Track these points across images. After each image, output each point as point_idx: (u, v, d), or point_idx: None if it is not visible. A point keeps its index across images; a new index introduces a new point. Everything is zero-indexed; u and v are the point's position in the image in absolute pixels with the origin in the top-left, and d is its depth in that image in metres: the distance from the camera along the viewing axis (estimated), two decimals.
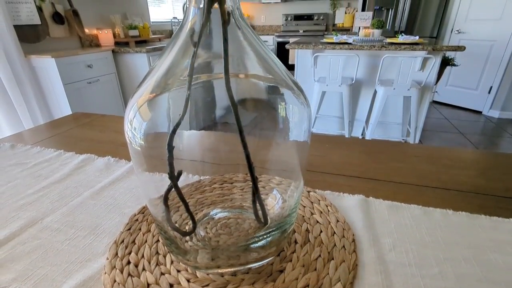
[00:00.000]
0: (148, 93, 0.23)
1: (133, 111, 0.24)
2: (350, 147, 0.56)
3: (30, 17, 1.62)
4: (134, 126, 0.24)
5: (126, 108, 0.25)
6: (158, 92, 0.23)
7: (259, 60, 0.25)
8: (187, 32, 0.22)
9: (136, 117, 0.24)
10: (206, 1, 0.21)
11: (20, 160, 0.54)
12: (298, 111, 0.25)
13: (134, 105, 0.24)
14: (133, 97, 0.25)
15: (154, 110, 0.24)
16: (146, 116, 0.23)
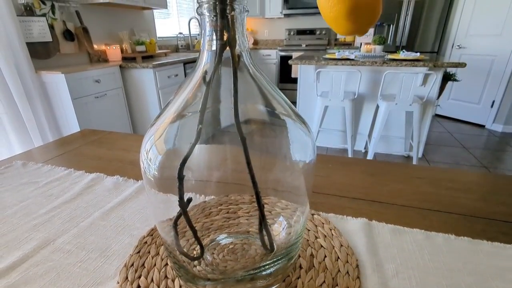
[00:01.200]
0: (164, 127, 0.25)
1: (149, 143, 0.26)
2: (353, 167, 0.57)
3: (42, 35, 1.68)
4: (150, 157, 0.26)
5: (144, 138, 0.27)
6: (173, 128, 0.25)
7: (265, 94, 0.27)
8: (201, 72, 0.23)
9: (152, 149, 0.25)
10: (218, 45, 0.23)
11: (31, 178, 0.55)
12: (301, 139, 0.27)
13: (152, 137, 0.26)
14: (151, 128, 0.26)
15: (169, 145, 0.25)
16: (161, 150, 0.25)
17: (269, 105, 0.27)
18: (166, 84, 2.18)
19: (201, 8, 0.21)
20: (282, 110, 0.27)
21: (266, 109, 0.28)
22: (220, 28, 0.21)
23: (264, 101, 0.27)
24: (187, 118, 0.25)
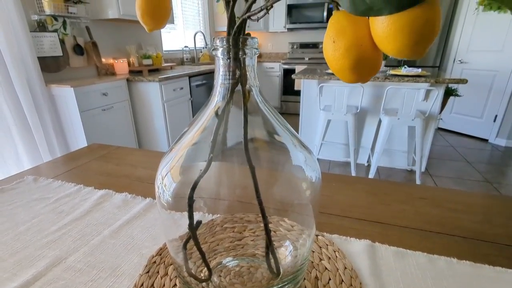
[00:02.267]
0: (179, 157, 0.27)
1: (165, 170, 0.27)
2: (356, 186, 0.58)
3: (53, 49, 1.74)
4: (165, 183, 0.28)
5: (160, 164, 0.28)
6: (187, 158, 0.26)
7: (271, 123, 0.28)
8: (214, 108, 0.25)
9: (167, 176, 0.27)
10: (230, 83, 0.24)
11: (42, 194, 0.57)
12: (305, 163, 0.28)
13: (168, 164, 0.27)
14: (167, 156, 0.28)
15: (183, 176, 0.27)
16: (176, 178, 0.26)
17: (274, 132, 0.28)
18: (171, 97, 2.22)
19: (216, 51, 0.22)
20: (286, 137, 0.28)
21: (272, 136, 0.29)
22: (233, 69, 0.23)
23: (270, 129, 0.28)
24: (199, 148, 0.27)
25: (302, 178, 0.27)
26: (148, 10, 0.26)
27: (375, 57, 0.15)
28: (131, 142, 2.19)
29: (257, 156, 0.27)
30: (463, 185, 2.14)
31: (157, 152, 0.80)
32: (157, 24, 0.27)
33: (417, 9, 0.12)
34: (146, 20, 0.27)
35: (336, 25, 0.16)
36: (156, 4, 0.26)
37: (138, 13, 0.26)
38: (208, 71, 2.76)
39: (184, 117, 2.47)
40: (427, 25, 0.12)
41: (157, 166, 0.71)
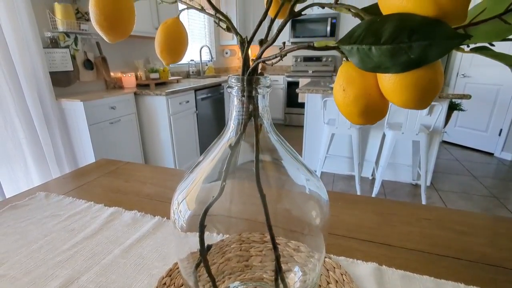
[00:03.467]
0: (194, 185, 0.28)
1: (181, 196, 0.29)
2: (362, 206, 0.59)
3: (64, 64, 1.79)
4: (180, 209, 0.29)
5: (177, 189, 0.30)
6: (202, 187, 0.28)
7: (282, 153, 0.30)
8: (227, 142, 0.27)
9: (183, 203, 0.28)
10: (244, 118, 0.26)
11: (54, 211, 0.58)
12: (314, 191, 0.29)
13: (184, 190, 0.29)
14: (183, 182, 0.29)
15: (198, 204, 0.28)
16: (191, 206, 0.28)
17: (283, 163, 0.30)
18: (177, 110, 2.26)
19: (231, 89, 0.24)
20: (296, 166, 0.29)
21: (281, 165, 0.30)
22: (246, 106, 0.24)
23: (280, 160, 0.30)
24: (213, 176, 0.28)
25: (313, 208, 0.28)
26: (166, 48, 0.28)
27: (382, 105, 0.17)
28: (137, 154, 2.22)
29: (268, 184, 0.29)
30: (470, 200, 2.11)
31: (164, 168, 0.81)
32: (174, 59, 0.29)
33: (420, 70, 0.14)
34: (164, 56, 0.29)
35: (345, 74, 0.17)
36: (174, 42, 0.28)
37: (157, 50, 0.28)
38: (213, 84, 2.81)
39: (190, 130, 2.50)
40: (430, 84, 0.14)
41: (165, 183, 0.72)
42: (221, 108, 3.10)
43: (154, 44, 0.29)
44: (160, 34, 0.28)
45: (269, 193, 0.28)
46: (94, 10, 0.19)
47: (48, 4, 1.76)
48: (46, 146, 1.55)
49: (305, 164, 0.29)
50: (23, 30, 1.49)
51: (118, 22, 0.20)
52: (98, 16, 0.19)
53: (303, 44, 0.17)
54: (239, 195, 0.31)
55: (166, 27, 0.28)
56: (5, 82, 1.43)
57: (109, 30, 0.20)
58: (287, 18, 0.20)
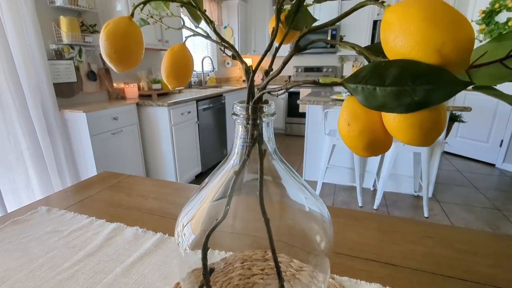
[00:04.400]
0: (198, 209, 0.28)
1: (186, 219, 0.29)
2: (365, 223, 0.58)
3: (68, 76, 1.81)
4: (184, 231, 0.29)
5: (182, 211, 0.30)
6: (206, 211, 0.28)
7: (286, 178, 0.30)
8: (232, 169, 0.27)
9: (187, 226, 0.28)
10: (248, 144, 0.26)
11: (56, 227, 0.58)
12: (317, 214, 0.29)
13: (189, 213, 0.29)
14: (188, 205, 0.29)
15: (202, 228, 0.28)
16: (195, 230, 0.28)
17: (287, 187, 0.30)
18: (179, 121, 2.27)
19: (237, 117, 0.24)
20: (299, 189, 0.30)
21: (284, 189, 0.30)
22: (251, 133, 0.25)
23: (284, 184, 0.30)
24: (217, 201, 0.28)
25: (316, 232, 0.28)
26: (173, 73, 0.28)
27: (387, 140, 0.17)
28: (138, 165, 2.22)
29: (272, 208, 0.29)
30: (472, 212, 2.10)
31: (166, 181, 0.81)
32: (180, 84, 0.30)
33: (425, 112, 0.14)
34: (170, 81, 0.29)
35: (350, 109, 0.18)
36: (180, 68, 0.29)
37: (164, 75, 0.29)
38: (214, 95, 2.83)
39: (191, 140, 2.51)
40: (434, 125, 0.14)
41: (166, 197, 0.72)
42: (222, 117, 3.11)
43: (161, 69, 0.30)
44: (167, 60, 0.29)
45: (273, 217, 0.28)
46: (105, 44, 0.19)
47: (54, 17, 1.80)
48: (48, 156, 1.56)
49: (309, 189, 0.30)
50: (28, 42, 1.51)
51: (128, 55, 0.21)
52: (109, 50, 0.19)
53: (308, 80, 0.18)
54: (243, 211, 0.31)
55: (173, 53, 0.29)
56: (10, 93, 1.45)
57: (118, 62, 0.21)
58: (292, 52, 0.21)
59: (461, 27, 0.12)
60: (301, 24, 0.28)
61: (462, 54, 0.12)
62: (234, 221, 0.31)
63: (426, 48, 0.12)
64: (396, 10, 0.13)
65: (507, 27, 2.80)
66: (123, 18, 0.20)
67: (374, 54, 0.16)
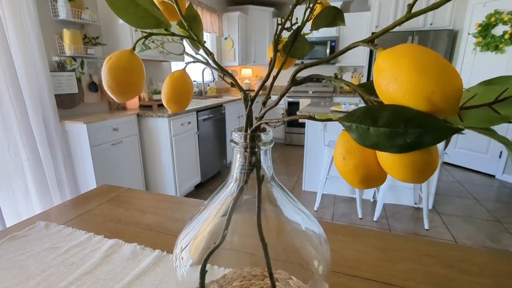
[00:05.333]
0: (198, 233, 0.28)
1: (185, 242, 0.29)
2: (364, 240, 0.58)
3: (70, 87, 1.83)
4: (182, 255, 0.29)
5: (181, 234, 0.30)
6: (205, 237, 0.28)
7: (284, 203, 0.30)
8: (230, 190, 0.27)
9: (186, 250, 0.29)
10: (246, 170, 0.27)
11: (53, 243, 0.58)
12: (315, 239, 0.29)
13: (188, 235, 0.29)
14: (187, 228, 0.30)
15: (198, 255, 0.28)
16: (193, 255, 0.28)
17: (284, 211, 0.30)
18: (179, 131, 2.28)
19: (236, 145, 0.25)
20: (295, 212, 0.30)
21: (282, 213, 0.31)
22: (249, 160, 0.25)
23: (281, 208, 0.30)
24: (216, 226, 0.29)
25: (314, 256, 0.28)
26: (173, 99, 0.29)
27: (381, 174, 0.18)
28: (138, 175, 2.21)
29: (270, 232, 0.29)
30: (472, 224, 2.08)
31: (165, 195, 0.81)
32: (180, 109, 0.30)
33: (417, 153, 0.14)
34: (170, 106, 0.30)
35: (345, 144, 0.18)
36: (180, 93, 0.29)
37: (164, 100, 0.30)
38: (214, 105, 2.85)
39: (191, 150, 2.51)
40: (426, 166, 0.15)
41: (165, 212, 0.72)
42: (222, 127, 3.13)
43: (161, 93, 0.30)
44: (168, 86, 0.29)
45: (271, 240, 0.28)
46: (107, 77, 0.20)
47: (57, 30, 1.83)
48: (48, 167, 1.56)
49: (307, 213, 0.30)
50: (31, 55, 1.53)
51: (128, 87, 0.21)
52: (110, 82, 0.20)
53: (304, 115, 0.18)
54: (242, 228, 0.31)
55: (173, 80, 0.30)
56: (11, 105, 1.46)
57: (119, 94, 0.21)
58: (289, 86, 0.21)
59: (449, 77, 0.12)
60: (298, 52, 0.29)
61: (450, 102, 0.12)
62: (233, 238, 0.32)
63: (416, 97, 0.13)
64: (388, 57, 0.14)
65: (503, 40, 2.84)
66: (125, 52, 0.21)
67: (368, 93, 0.17)
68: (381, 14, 3.79)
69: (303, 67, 0.21)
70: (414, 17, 0.15)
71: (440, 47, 3.48)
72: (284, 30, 0.26)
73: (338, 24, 0.30)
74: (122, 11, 0.18)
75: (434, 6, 0.14)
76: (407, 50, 0.13)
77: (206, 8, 3.66)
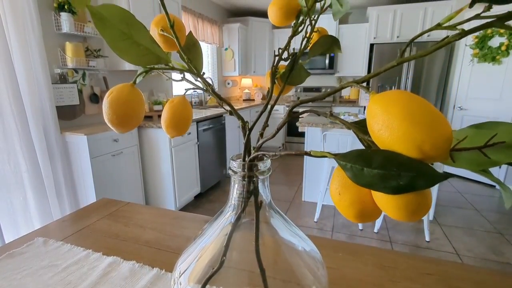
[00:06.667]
0: (198, 263, 0.28)
1: (183, 266, 0.29)
2: (363, 258, 0.58)
3: (71, 99, 1.85)
4: (181, 280, 0.29)
5: (181, 257, 0.30)
6: (203, 264, 0.28)
7: (283, 229, 0.30)
8: (228, 217, 0.28)
9: (184, 275, 0.29)
10: (244, 198, 0.27)
11: (51, 260, 0.57)
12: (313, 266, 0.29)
13: (186, 259, 0.29)
14: (186, 251, 0.30)
15: (197, 280, 0.28)
16: (191, 281, 0.28)
17: (282, 236, 0.30)
18: (179, 142, 2.28)
19: (234, 174, 0.25)
20: (294, 237, 0.30)
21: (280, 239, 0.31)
22: (247, 189, 0.25)
23: (279, 233, 0.30)
24: (214, 251, 0.29)
25: (312, 282, 0.28)
26: (172, 124, 0.30)
27: (376, 210, 0.18)
28: (137, 186, 2.21)
29: (267, 257, 0.29)
30: (474, 236, 2.07)
31: (164, 210, 0.81)
32: (179, 133, 0.31)
33: (410, 194, 0.15)
34: (170, 131, 0.30)
35: (340, 179, 0.19)
36: (180, 119, 0.30)
37: (163, 125, 0.30)
38: (215, 116, 2.87)
39: (191, 161, 2.52)
40: (419, 207, 0.15)
41: (164, 227, 0.72)
42: (222, 137, 3.14)
43: (161, 119, 0.31)
44: (167, 112, 0.30)
45: (269, 266, 0.28)
46: (108, 111, 0.20)
47: (60, 43, 1.85)
48: (47, 179, 1.56)
49: (305, 238, 0.30)
50: (34, 68, 1.55)
51: (128, 120, 0.22)
52: (111, 116, 0.21)
53: (301, 152, 0.19)
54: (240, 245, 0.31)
55: (173, 106, 0.30)
56: (13, 117, 1.47)
57: (119, 127, 0.22)
58: (285, 120, 0.22)
59: (439, 127, 0.13)
60: (296, 80, 0.30)
61: (440, 151, 0.13)
62: (231, 254, 0.32)
63: (408, 144, 0.13)
64: (380, 103, 0.15)
65: (500, 52, 2.88)
66: (126, 86, 0.22)
67: (362, 131, 0.17)
68: (379, 26, 3.85)
69: (298, 103, 0.21)
70: (405, 62, 0.16)
71: (438, 58, 3.53)
72: (281, 60, 0.26)
73: (334, 51, 0.31)
74: (124, 52, 0.18)
75: (422, 54, 0.15)
76: (398, 97, 0.14)
77: (207, 20, 3.72)
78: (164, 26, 0.24)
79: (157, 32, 0.25)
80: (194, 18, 3.41)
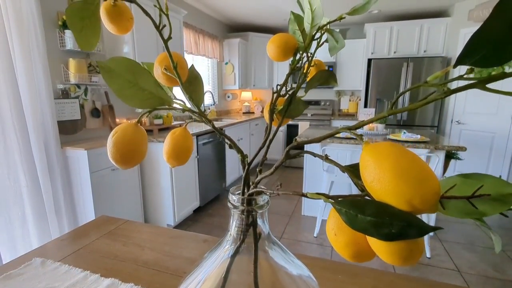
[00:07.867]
0: None
1: None
2: (363, 281, 0.58)
3: (73, 114, 1.87)
4: None
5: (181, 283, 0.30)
6: None
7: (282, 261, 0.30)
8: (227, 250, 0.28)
9: None
10: (243, 230, 0.27)
11: (49, 282, 0.57)
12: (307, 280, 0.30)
13: None
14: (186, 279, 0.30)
15: None
16: None
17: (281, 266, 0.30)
18: None
19: (233, 208, 0.26)
20: (292, 265, 0.30)
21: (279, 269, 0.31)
22: (246, 222, 0.26)
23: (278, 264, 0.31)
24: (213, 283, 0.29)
25: None
26: (173, 155, 0.30)
27: (371, 251, 0.18)
28: (136, 201, 2.20)
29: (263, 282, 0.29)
30: (475, 252, 2.04)
31: (162, 229, 0.81)
32: (179, 163, 0.32)
33: (402, 242, 0.16)
34: (171, 162, 0.31)
35: (336, 220, 0.19)
36: (181, 150, 0.31)
37: (165, 156, 0.31)
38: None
39: (190, 175, 2.51)
40: (411, 254, 0.16)
41: (163, 247, 0.71)
42: (222, 151, 3.14)
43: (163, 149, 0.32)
44: (169, 143, 0.31)
45: None
46: (112, 150, 0.21)
47: (63, 59, 1.89)
48: (46, 194, 1.55)
49: (302, 267, 0.30)
50: (37, 84, 1.58)
51: (132, 157, 0.23)
52: (115, 155, 0.22)
53: (297, 192, 0.20)
54: (237, 277, 0.31)
55: (175, 137, 0.31)
56: (14, 132, 1.48)
57: (123, 164, 0.23)
58: (283, 160, 0.23)
59: (427, 183, 0.14)
60: (294, 113, 0.31)
61: (428, 205, 0.14)
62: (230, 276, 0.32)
63: (398, 198, 0.14)
64: (372, 155, 0.16)
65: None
66: (130, 126, 0.23)
67: (357, 176, 0.18)
68: (376, 42, 3.93)
69: (295, 144, 0.22)
70: (396, 113, 0.17)
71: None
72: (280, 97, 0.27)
73: (330, 84, 0.32)
74: (130, 98, 0.20)
75: (412, 107, 0.16)
76: (389, 151, 0.15)
77: (208, 35, 3.80)
78: (167, 65, 0.26)
79: (160, 71, 0.26)
80: (195, 33, 3.48)
